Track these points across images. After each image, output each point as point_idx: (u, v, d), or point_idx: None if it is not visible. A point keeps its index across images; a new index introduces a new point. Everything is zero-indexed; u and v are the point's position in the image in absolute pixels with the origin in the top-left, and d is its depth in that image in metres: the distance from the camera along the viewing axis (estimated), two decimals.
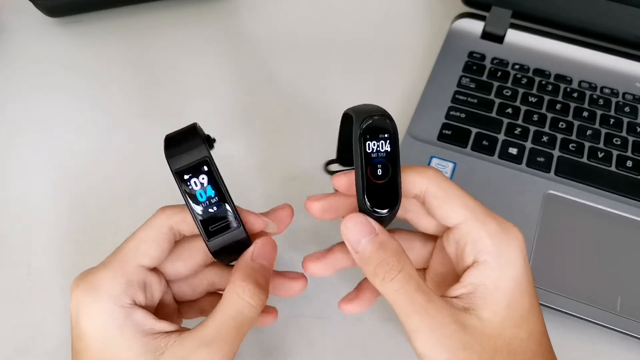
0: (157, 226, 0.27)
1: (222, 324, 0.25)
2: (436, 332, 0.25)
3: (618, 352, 0.34)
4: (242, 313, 0.26)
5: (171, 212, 0.28)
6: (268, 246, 0.28)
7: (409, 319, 0.25)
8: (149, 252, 0.27)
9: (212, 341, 0.25)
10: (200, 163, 0.26)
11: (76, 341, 0.26)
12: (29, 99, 0.47)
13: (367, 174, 0.26)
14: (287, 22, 0.54)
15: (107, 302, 0.25)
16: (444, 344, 0.25)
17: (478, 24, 0.51)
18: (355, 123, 0.27)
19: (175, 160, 0.26)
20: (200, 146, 0.26)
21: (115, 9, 0.55)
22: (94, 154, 0.44)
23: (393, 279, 0.25)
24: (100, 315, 0.25)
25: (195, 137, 0.27)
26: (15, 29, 0.53)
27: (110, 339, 0.25)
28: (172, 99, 0.48)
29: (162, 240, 0.27)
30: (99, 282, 0.26)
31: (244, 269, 0.27)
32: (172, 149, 0.27)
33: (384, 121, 0.26)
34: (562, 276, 0.35)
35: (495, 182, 0.40)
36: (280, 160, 0.43)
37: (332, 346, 0.34)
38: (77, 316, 0.26)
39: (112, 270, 0.26)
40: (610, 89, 0.46)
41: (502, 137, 0.43)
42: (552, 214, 0.38)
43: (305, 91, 0.48)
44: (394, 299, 0.25)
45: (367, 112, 0.27)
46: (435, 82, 0.47)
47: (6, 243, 0.39)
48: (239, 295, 0.26)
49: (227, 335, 0.25)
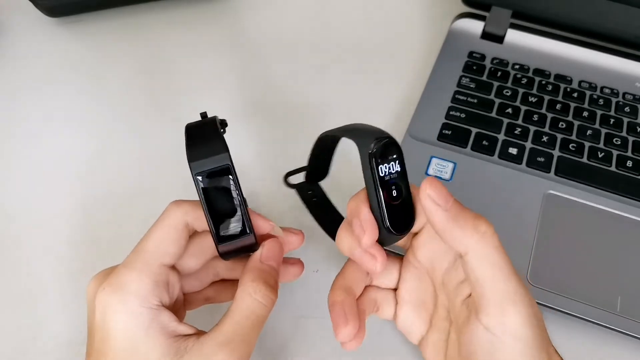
0: (175, 224, 0.27)
1: (238, 324, 0.26)
2: (527, 303, 0.25)
3: (618, 352, 0.34)
4: (255, 312, 0.26)
5: (188, 208, 0.28)
6: (275, 248, 0.29)
7: (506, 283, 0.24)
8: (170, 251, 0.27)
9: (230, 342, 0.25)
10: (222, 170, 0.26)
11: (100, 343, 0.26)
12: (28, 98, 0.47)
13: (384, 198, 0.26)
14: (287, 22, 0.54)
15: (135, 303, 0.25)
16: (531, 318, 0.24)
17: (478, 24, 0.51)
18: (362, 149, 0.27)
19: (197, 164, 0.26)
20: (222, 153, 0.26)
21: (115, 9, 0.55)
22: (93, 153, 0.44)
23: (494, 234, 0.25)
24: (128, 316, 0.25)
25: (218, 140, 0.27)
26: (15, 29, 0.53)
27: (136, 341, 0.25)
28: (172, 98, 0.48)
29: (181, 237, 0.28)
30: (127, 284, 0.26)
31: (253, 270, 0.28)
32: (193, 148, 0.26)
33: (391, 143, 0.27)
34: (562, 276, 0.35)
35: (495, 182, 0.40)
36: (279, 159, 0.43)
37: (332, 346, 0.34)
38: (103, 317, 0.25)
39: (137, 271, 0.26)
40: (610, 89, 0.46)
41: (502, 137, 0.43)
42: (552, 214, 0.38)
43: (305, 91, 0.48)
44: (494, 257, 0.25)
45: (368, 134, 0.27)
46: (435, 82, 0.46)
47: (6, 243, 0.39)
48: (251, 295, 0.27)
49: (244, 336, 0.26)
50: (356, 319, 0.27)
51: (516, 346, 0.24)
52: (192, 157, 0.26)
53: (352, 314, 0.27)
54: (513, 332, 0.24)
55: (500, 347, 0.24)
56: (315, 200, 0.36)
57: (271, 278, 0.28)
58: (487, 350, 0.25)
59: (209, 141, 0.27)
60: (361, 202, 0.27)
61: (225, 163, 0.26)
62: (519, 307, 0.24)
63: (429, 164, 0.41)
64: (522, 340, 0.24)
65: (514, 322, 0.24)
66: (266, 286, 0.27)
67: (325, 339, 0.34)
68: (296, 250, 0.38)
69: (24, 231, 0.39)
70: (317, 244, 0.38)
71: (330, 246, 0.38)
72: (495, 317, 0.24)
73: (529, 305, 0.25)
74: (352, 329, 0.27)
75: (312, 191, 0.37)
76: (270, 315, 0.35)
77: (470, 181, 0.40)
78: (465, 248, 0.25)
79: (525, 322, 0.24)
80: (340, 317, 0.27)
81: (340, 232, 0.28)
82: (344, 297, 0.28)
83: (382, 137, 0.26)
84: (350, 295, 0.28)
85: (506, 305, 0.24)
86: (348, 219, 0.28)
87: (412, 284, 0.30)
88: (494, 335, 0.24)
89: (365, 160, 0.26)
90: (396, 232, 0.27)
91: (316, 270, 0.37)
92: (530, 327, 0.24)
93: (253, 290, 0.27)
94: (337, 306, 0.28)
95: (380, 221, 0.27)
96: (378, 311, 0.31)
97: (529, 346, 0.24)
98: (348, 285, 0.29)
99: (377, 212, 0.27)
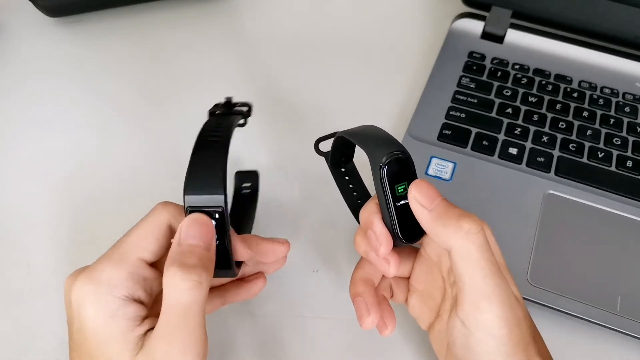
0: (157, 222, 0.28)
1: (165, 315, 0.25)
2: (505, 302, 0.25)
3: (618, 352, 0.34)
4: (177, 300, 0.25)
5: (174, 211, 0.28)
6: (194, 225, 0.26)
7: (484, 281, 0.25)
8: (150, 248, 0.27)
9: (165, 334, 0.25)
10: (215, 211, 0.26)
11: (77, 334, 0.26)
12: (28, 98, 0.47)
13: (395, 209, 0.27)
14: (287, 22, 0.54)
15: (105, 291, 0.25)
16: (508, 317, 0.25)
17: (478, 24, 0.51)
18: (374, 162, 0.27)
19: (192, 198, 0.26)
20: (219, 193, 0.26)
21: (115, 9, 0.55)
22: (93, 153, 0.44)
23: (478, 232, 0.25)
24: (97, 304, 0.25)
25: (217, 178, 0.26)
26: (15, 29, 0.53)
27: (100, 329, 0.25)
28: (172, 98, 0.48)
29: (161, 236, 0.28)
30: (100, 273, 0.26)
31: (170, 255, 0.26)
32: (193, 178, 0.26)
33: (402, 157, 0.27)
34: (562, 276, 0.35)
35: (495, 182, 0.40)
36: (279, 159, 0.43)
37: (332, 346, 0.34)
38: (78, 307, 0.26)
39: (113, 262, 0.26)
40: (610, 89, 0.46)
41: (502, 137, 0.43)
42: (552, 214, 0.38)
43: (304, 91, 0.48)
44: (474, 255, 0.25)
45: (380, 146, 0.27)
46: (435, 82, 0.47)
47: (6, 243, 0.39)
48: (169, 281, 0.25)
49: (175, 325, 0.25)
50: (377, 308, 0.29)
51: (489, 343, 0.25)
52: (188, 184, 0.26)
53: (373, 304, 0.29)
54: (486, 329, 0.25)
55: (473, 341, 0.26)
56: (344, 172, 0.35)
57: (190, 257, 0.25)
58: (462, 342, 0.26)
59: (210, 176, 0.26)
60: (373, 213, 0.28)
61: (220, 205, 0.26)
62: (495, 307, 0.25)
63: (429, 164, 0.41)
64: (495, 339, 0.25)
65: (488, 319, 0.25)
66: (182, 268, 0.24)
67: (325, 338, 0.34)
68: (296, 251, 0.38)
69: (24, 231, 0.39)
70: (317, 244, 0.38)
71: (330, 246, 0.38)
72: (469, 313, 0.26)
73: (507, 305, 0.25)
74: (375, 318, 0.29)
75: (344, 159, 0.35)
76: (270, 315, 0.35)
77: (470, 181, 0.40)
78: (448, 246, 0.26)
79: (500, 322, 0.25)
80: (363, 309, 0.29)
81: (356, 238, 0.30)
82: (363, 289, 0.30)
83: (394, 151, 0.27)
84: (369, 287, 0.30)
85: (481, 303, 0.25)
86: (362, 228, 0.30)
87: (423, 276, 0.31)
88: (468, 330, 0.26)
89: (376, 174, 0.27)
90: (407, 241, 0.28)
91: (316, 270, 0.37)
92: (506, 326, 0.25)
93: (171, 275, 0.25)
94: (358, 298, 0.30)
95: (392, 230, 0.28)
96: (392, 297, 0.32)
97: (503, 344, 0.25)
98: (366, 277, 0.31)
99: (388, 223, 0.28)
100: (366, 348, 0.34)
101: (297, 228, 0.39)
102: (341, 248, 0.38)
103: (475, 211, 0.27)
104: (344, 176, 0.35)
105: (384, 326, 0.30)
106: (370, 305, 0.29)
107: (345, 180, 0.35)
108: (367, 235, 0.29)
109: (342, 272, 0.37)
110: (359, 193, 0.35)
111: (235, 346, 0.34)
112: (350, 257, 0.38)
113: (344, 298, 0.35)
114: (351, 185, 0.35)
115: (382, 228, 0.28)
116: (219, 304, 0.32)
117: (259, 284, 0.32)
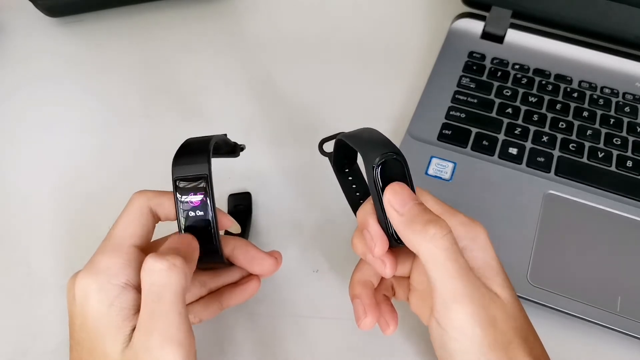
0: (139, 208, 0.28)
1: (142, 306, 0.25)
2: (476, 302, 0.26)
3: (618, 352, 0.34)
4: (152, 281, 0.25)
5: (151, 195, 0.29)
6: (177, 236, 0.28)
7: (451, 282, 0.26)
8: (137, 232, 0.28)
9: (142, 325, 0.25)
10: (199, 178, 0.27)
11: (78, 332, 0.26)
12: (28, 98, 0.47)
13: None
14: (287, 22, 0.54)
15: (105, 279, 0.26)
16: (480, 317, 0.26)
17: (478, 24, 0.51)
18: (367, 163, 0.27)
19: (178, 168, 0.28)
20: (203, 162, 0.27)
21: (115, 9, 0.55)
22: (93, 153, 0.44)
23: (444, 236, 0.26)
24: (98, 292, 0.26)
25: (202, 152, 0.28)
26: (15, 29, 0.53)
27: (100, 318, 0.25)
28: (172, 98, 0.48)
29: (146, 220, 0.28)
30: (98, 264, 0.27)
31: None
32: (180, 156, 0.28)
33: (395, 158, 0.27)
34: (562, 276, 0.35)
35: (495, 182, 0.40)
36: (279, 160, 0.43)
37: (332, 346, 0.34)
38: (82, 302, 0.26)
39: (108, 252, 0.27)
40: (610, 89, 0.46)
41: (502, 137, 0.43)
42: (552, 214, 0.38)
43: (305, 91, 0.48)
44: (440, 258, 0.26)
45: (373, 148, 0.27)
46: (435, 82, 0.47)
47: (6, 243, 0.39)
48: (143, 266, 0.25)
49: (150, 312, 0.25)
50: (374, 310, 0.30)
51: (463, 342, 0.26)
52: (176, 162, 0.28)
53: (370, 306, 0.30)
54: (457, 328, 0.26)
55: (447, 341, 0.26)
56: (347, 172, 0.35)
57: (166, 250, 0.26)
58: (439, 343, 0.27)
59: (196, 150, 0.29)
60: (369, 214, 0.29)
61: (204, 173, 0.27)
62: (466, 307, 0.26)
63: (429, 164, 0.41)
64: (468, 338, 0.26)
65: (459, 319, 0.26)
66: (155, 255, 0.25)
67: (325, 338, 0.34)
68: (296, 251, 0.38)
69: (24, 231, 0.39)
70: (317, 244, 0.39)
71: (330, 246, 0.38)
72: (442, 313, 0.26)
73: (478, 305, 0.26)
74: (371, 319, 0.30)
75: (346, 161, 0.36)
76: (270, 315, 0.35)
77: (470, 181, 0.40)
78: (417, 250, 0.27)
79: (472, 321, 0.26)
80: (360, 310, 0.30)
81: (354, 239, 0.30)
82: (360, 291, 0.31)
83: (387, 152, 0.27)
84: (366, 288, 0.31)
85: (450, 303, 0.26)
86: (359, 229, 0.30)
87: (420, 276, 0.31)
88: (444, 329, 0.27)
89: (370, 175, 0.27)
90: (400, 242, 0.28)
91: (316, 270, 0.37)
92: (479, 326, 0.26)
93: (145, 263, 0.25)
94: (356, 300, 0.30)
95: (386, 231, 0.28)
96: (394, 295, 0.33)
97: (478, 344, 0.26)
98: (364, 279, 0.31)
99: (383, 223, 0.28)
100: (366, 348, 0.34)
101: (297, 228, 0.39)
102: (341, 248, 0.38)
103: (476, 211, 0.27)
104: (347, 177, 0.35)
105: (386, 325, 0.31)
106: (368, 307, 0.30)
107: (349, 180, 0.35)
108: (364, 236, 0.29)
109: (342, 272, 0.37)
110: (361, 194, 0.35)
111: (235, 346, 0.34)
112: (350, 257, 0.38)
113: (343, 298, 0.34)
114: (354, 186, 0.35)
115: (377, 228, 0.28)
116: (217, 309, 0.32)
117: (252, 285, 0.33)
